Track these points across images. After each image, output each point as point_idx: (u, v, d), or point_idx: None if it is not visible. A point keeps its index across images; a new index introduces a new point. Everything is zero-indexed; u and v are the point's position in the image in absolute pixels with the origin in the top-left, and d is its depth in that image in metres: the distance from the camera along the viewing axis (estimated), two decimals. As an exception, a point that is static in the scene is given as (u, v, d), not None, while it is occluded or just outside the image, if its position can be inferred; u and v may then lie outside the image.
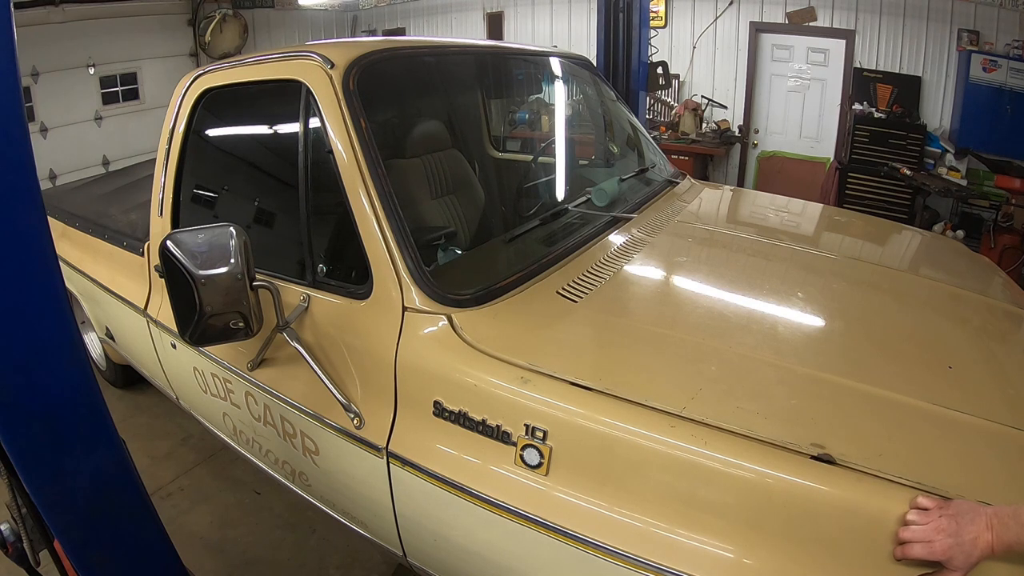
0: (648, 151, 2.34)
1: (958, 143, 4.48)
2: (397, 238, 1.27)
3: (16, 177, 0.92)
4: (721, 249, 1.76)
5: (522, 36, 6.32)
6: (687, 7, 5.43)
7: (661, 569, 0.94)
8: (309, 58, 1.45)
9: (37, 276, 0.98)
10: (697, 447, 0.95)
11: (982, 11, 4.34)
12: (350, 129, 1.33)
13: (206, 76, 1.72)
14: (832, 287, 1.54)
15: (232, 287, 1.16)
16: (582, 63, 2.41)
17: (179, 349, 1.81)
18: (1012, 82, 4.22)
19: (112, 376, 2.95)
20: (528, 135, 2.62)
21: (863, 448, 0.94)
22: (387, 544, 1.38)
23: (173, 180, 1.77)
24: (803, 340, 1.30)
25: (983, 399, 1.10)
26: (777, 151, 5.45)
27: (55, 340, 1.02)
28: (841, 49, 4.91)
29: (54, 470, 1.07)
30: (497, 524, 1.09)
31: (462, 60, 2.02)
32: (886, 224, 2.27)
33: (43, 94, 5.18)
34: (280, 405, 1.46)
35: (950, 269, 1.80)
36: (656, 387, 1.05)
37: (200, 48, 6.31)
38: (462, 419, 1.14)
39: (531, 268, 1.40)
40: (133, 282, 2.05)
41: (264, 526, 2.17)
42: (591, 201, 1.81)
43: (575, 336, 1.27)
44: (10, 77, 0.89)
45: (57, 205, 2.67)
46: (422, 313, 1.23)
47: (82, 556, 1.17)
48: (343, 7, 7.12)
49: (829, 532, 0.88)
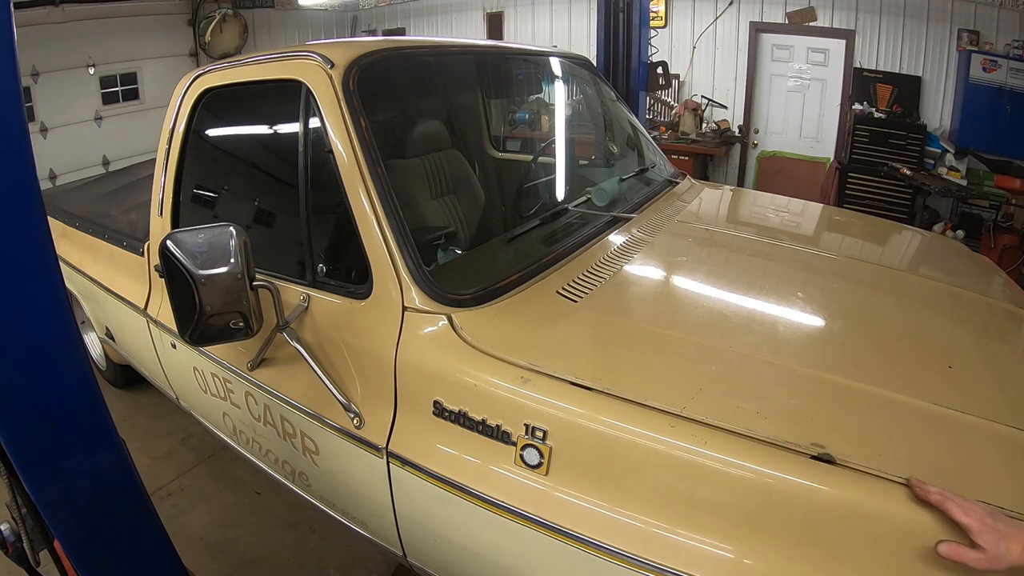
0: (648, 151, 2.34)
1: (958, 143, 4.48)
2: (397, 238, 1.27)
3: (16, 177, 0.92)
4: (721, 249, 1.76)
5: (522, 36, 6.33)
6: (687, 7, 5.44)
7: (661, 569, 0.94)
8: (309, 58, 1.45)
9: (37, 276, 0.98)
10: (697, 447, 0.95)
11: (982, 11, 4.34)
12: (350, 129, 1.33)
13: (206, 76, 1.72)
14: (832, 287, 1.54)
15: (232, 287, 1.16)
16: (582, 63, 2.41)
17: (179, 349, 1.81)
18: (1012, 82, 4.22)
19: (112, 376, 2.95)
20: (528, 135, 2.62)
21: (863, 448, 0.94)
22: (387, 544, 1.38)
23: (173, 180, 1.77)
24: (803, 340, 1.30)
25: (983, 399, 1.10)
26: (777, 151, 5.45)
27: (55, 340, 1.02)
28: (841, 49, 4.91)
29: (54, 470, 1.07)
30: (497, 524, 1.09)
31: (462, 60, 2.01)
32: (886, 224, 2.27)
33: (43, 94, 5.17)
34: (280, 405, 1.46)
35: (950, 269, 1.80)
36: (656, 387, 1.05)
37: (200, 48, 6.31)
38: (462, 419, 1.13)
39: (531, 268, 1.40)
40: (133, 282, 2.05)
41: (264, 526, 2.17)
42: (591, 201, 1.81)
43: (575, 336, 1.27)
44: (10, 77, 0.89)
45: (57, 205, 2.67)
46: (422, 313, 1.23)
47: (82, 556, 1.17)
48: (343, 7, 7.12)
49: (829, 532, 0.88)
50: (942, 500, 0.84)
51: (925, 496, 0.86)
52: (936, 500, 0.85)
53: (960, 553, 0.82)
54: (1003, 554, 0.80)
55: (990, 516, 0.82)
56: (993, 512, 0.84)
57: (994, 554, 0.80)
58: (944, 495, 0.84)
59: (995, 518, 0.83)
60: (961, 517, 0.82)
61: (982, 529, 0.81)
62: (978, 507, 0.83)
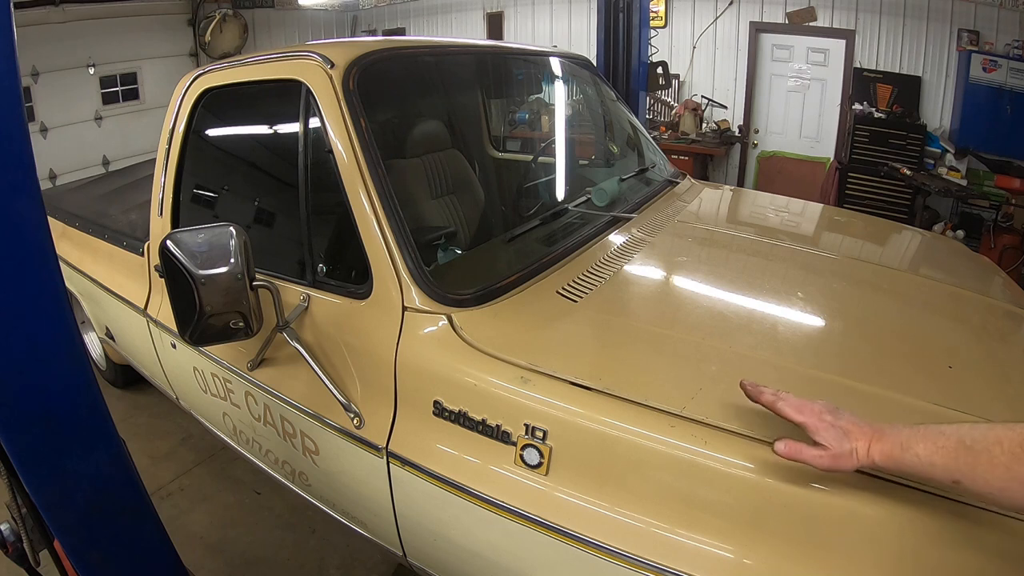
0: (648, 151, 2.34)
1: (958, 143, 4.48)
2: (397, 238, 1.27)
3: (16, 177, 0.92)
4: (721, 249, 1.76)
5: (522, 36, 6.33)
6: (687, 7, 5.44)
7: (661, 569, 0.94)
8: (309, 58, 1.45)
9: (37, 276, 0.98)
10: (697, 447, 0.95)
11: (982, 11, 4.34)
12: (350, 129, 1.33)
13: (206, 76, 1.72)
14: (832, 287, 1.54)
15: (232, 287, 1.16)
16: (582, 63, 2.41)
17: (179, 349, 1.81)
18: (1012, 82, 4.22)
19: (112, 376, 2.95)
20: (528, 135, 2.62)
21: (863, 448, 0.93)
22: (387, 544, 1.38)
23: (173, 180, 1.77)
24: (803, 340, 1.30)
25: (983, 399, 1.10)
26: (777, 151, 5.45)
27: (55, 340, 1.02)
28: (841, 49, 4.91)
29: (54, 470, 1.07)
30: (497, 524, 1.09)
31: (462, 60, 2.01)
32: (886, 224, 2.27)
33: (43, 94, 5.18)
34: (280, 405, 1.46)
35: (950, 269, 1.80)
36: (656, 387, 1.05)
37: (200, 48, 6.31)
38: (462, 419, 1.13)
39: (531, 268, 1.40)
40: (133, 282, 2.05)
41: (264, 526, 2.17)
42: (591, 201, 1.81)
43: (575, 336, 1.27)
44: (10, 77, 0.89)
45: (57, 205, 2.67)
46: (422, 313, 1.23)
47: (82, 556, 1.17)
48: (343, 7, 7.12)
49: (829, 532, 0.88)
50: (774, 400, 0.78)
51: (757, 397, 0.79)
52: (768, 400, 0.78)
53: (800, 451, 0.75)
54: (847, 452, 0.74)
55: (829, 413, 0.76)
56: (834, 409, 0.77)
57: (837, 451, 0.74)
58: (777, 395, 0.77)
59: (835, 415, 0.76)
60: (794, 415, 0.76)
61: (819, 426, 0.75)
62: (815, 405, 0.76)
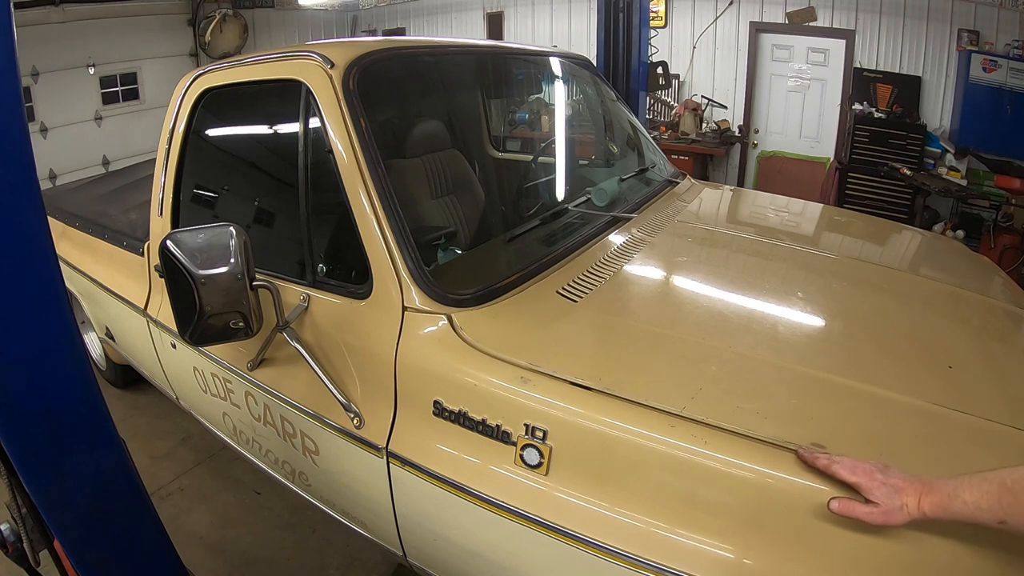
0: (648, 151, 2.34)
1: (958, 143, 4.48)
2: (397, 238, 1.27)
3: (16, 177, 0.92)
4: (721, 249, 1.76)
5: (522, 36, 6.32)
6: (687, 7, 5.44)
7: (661, 569, 0.94)
8: (309, 58, 1.45)
9: (37, 276, 0.98)
10: (697, 447, 0.95)
11: (982, 11, 4.34)
12: (350, 129, 1.33)
13: (206, 76, 1.72)
14: (832, 287, 1.54)
15: (232, 287, 1.16)
16: (582, 63, 2.41)
17: (179, 349, 1.81)
18: (1012, 82, 4.22)
19: (112, 376, 2.95)
20: (528, 135, 2.62)
21: (863, 448, 0.93)
22: (387, 544, 1.38)
23: (173, 180, 1.77)
24: (803, 340, 1.30)
25: (983, 399, 1.10)
26: (777, 151, 5.45)
27: (55, 340, 1.02)
28: (841, 49, 4.91)
29: (54, 470, 1.07)
30: (497, 524, 1.09)
31: (462, 60, 2.01)
32: (886, 224, 2.27)
33: (43, 94, 5.17)
34: (280, 405, 1.46)
35: (950, 269, 1.80)
36: (656, 387, 1.05)
37: (200, 48, 6.30)
38: (462, 419, 1.13)
39: (531, 268, 1.40)
40: (133, 282, 2.05)
41: (264, 526, 2.17)
42: (591, 201, 1.81)
43: (575, 336, 1.27)
44: (10, 77, 0.89)
45: (57, 205, 2.68)
46: (422, 313, 1.23)
47: (82, 556, 1.17)
48: (343, 7, 7.12)
49: (829, 532, 0.88)
50: (828, 464, 0.82)
51: (813, 463, 0.83)
52: (823, 465, 0.82)
53: (852, 509, 0.80)
54: (898, 507, 0.78)
55: (880, 472, 0.80)
56: (885, 468, 0.81)
57: (888, 507, 0.78)
58: (831, 459, 0.81)
59: (886, 473, 0.80)
60: (848, 476, 0.80)
61: (872, 485, 0.79)
62: (867, 464, 0.80)
